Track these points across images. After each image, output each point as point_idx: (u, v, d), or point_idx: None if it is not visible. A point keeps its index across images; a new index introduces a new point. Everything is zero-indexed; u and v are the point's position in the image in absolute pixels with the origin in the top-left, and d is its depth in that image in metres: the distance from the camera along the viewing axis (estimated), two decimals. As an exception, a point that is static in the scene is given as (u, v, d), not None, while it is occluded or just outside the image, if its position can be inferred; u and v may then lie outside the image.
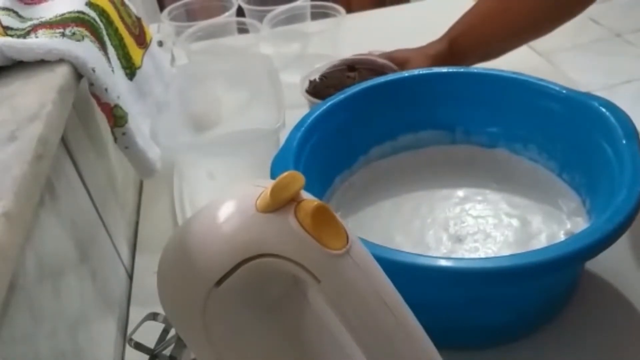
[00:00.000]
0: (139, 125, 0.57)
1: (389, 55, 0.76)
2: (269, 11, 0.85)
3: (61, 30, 0.47)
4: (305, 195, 0.30)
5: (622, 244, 0.54)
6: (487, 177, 0.60)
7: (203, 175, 0.66)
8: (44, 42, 0.45)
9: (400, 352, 0.31)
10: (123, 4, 0.62)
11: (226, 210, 0.31)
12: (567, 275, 0.49)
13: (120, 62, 0.58)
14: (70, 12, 0.51)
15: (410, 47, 0.76)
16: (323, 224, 0.29)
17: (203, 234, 0.31)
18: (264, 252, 0.29)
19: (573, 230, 0.52)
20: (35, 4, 0.54)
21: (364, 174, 0.62)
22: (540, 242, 0.52)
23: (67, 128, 0.42)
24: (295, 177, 0.29)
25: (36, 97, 0.40)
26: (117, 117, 0.52)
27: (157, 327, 0.48)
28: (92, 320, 0.48)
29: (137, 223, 0.67)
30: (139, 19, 0.66)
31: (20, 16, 0.52)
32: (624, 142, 0.48)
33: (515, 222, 0.55)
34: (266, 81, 0.71)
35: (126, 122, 0.53)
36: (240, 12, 0.89)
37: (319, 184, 0.57)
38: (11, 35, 0.47)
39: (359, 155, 0.62)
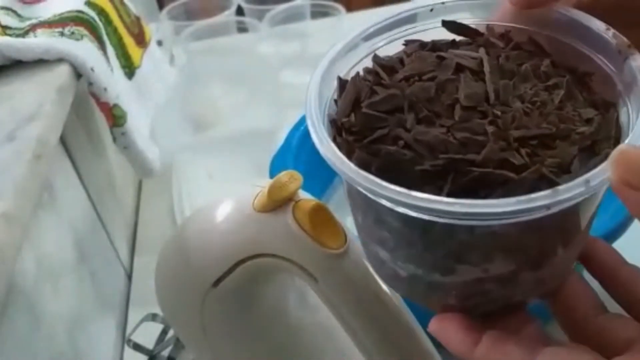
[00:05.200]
0: (138, 125, 0.57)
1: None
2: (268, 10, 0.85)
3: (60, 29, 0.47)
4: (303, 194, 0.30)
5: (621, 246, 0.54)
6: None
7: (202, 175, 0.65)
8: (43, 41, 0.45)
9: (398, 350, 0.31)
10: (122, 3, 0.62)
11: (224, 210, 0.31)
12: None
13: (120, 62, 0.58)
14: (69, 12, 0.50)
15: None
16: (321, 224, 0.29)
17: (200, 235, 0.31)
18: (261, 252, 0.29)
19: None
20: (34, 3, 0.54)
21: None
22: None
23: (65, 128, 0.42)
24: (292, 177, 0.29)
25: (35, 96, 0.40)
26: (116, 117, 0.52)
27: (156, 328, 0.48)
28: (91, 320, 0.48)
29: (136, 223, 0.67)
30: (138, 18, 0.66)
31: (19, 15, 0.52)
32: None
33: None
34: (265, 80, 0.71)
35: (125, 121, 0.53)
36: (239, 11, 0.89)
37: (319, 183, 0.57)
38: (10, 35, 0.47)
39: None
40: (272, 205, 0.29)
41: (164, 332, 0.48)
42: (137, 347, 0.47)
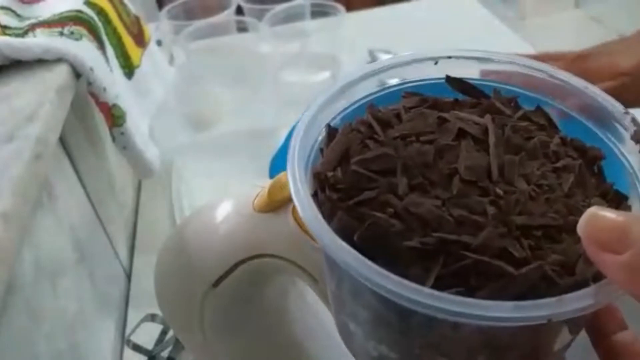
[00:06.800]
0: (138, 124, 0.57)
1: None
2: (268, 10, 0.85)
3: (59, 29, 0.47)
4: (304, 195, 0.30)
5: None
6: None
7: (202, 175, 0.65)
8: (42, 41, 0.45)
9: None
10: (122, 2, 0.62)
11: (223, 210, 0.31)
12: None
13: (119, 61, 0.58)
14: (68, 11, 0.50)
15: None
16: (321, 224, 0.29)
17: (200, 235, 0.31)
18: (261, 253, 0.29)
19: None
20: (34, 3, 0.54)
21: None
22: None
23: (65, 128, 0.42)
24: (293, 177, 0.29)
25: (34, 96, 0.40)
26: (115, 117, 0.52)
27: (155, 328, 0.48)
28: (90, 321, 0.48)
29: (135, 223, 0.67)
30: (137, 18, 0.66)
31: (18, 15, 0.52)
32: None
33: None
34: (265, 80, 0.71)
35: (124, 121, 0.53)
36: (239, 11, 0.89)
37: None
38: (9, 35, 0.47)
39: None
40: (272, 205, 0.29)
41: (164, 333, 0.48)
42: (137, 348, 0.47)
